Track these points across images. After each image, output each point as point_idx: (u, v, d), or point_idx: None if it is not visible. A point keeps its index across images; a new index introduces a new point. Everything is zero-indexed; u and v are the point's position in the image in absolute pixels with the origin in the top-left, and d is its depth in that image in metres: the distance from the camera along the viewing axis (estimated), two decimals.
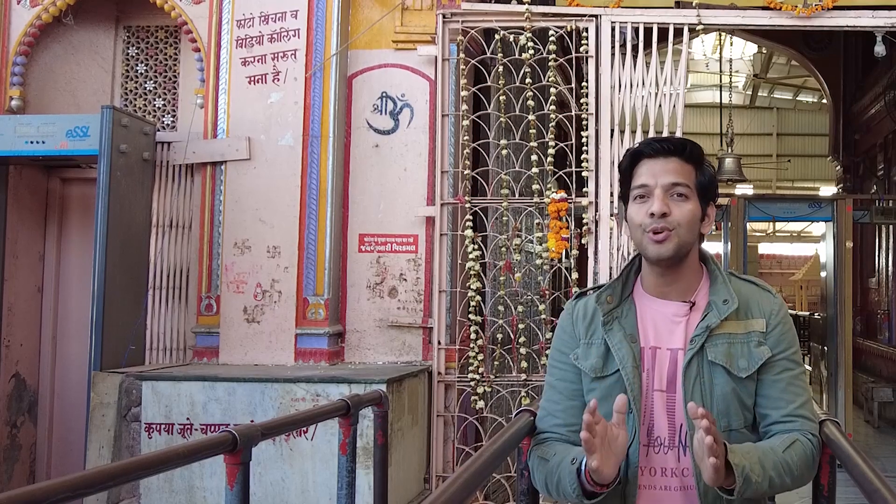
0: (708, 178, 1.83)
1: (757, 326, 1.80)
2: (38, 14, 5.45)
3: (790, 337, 1.84)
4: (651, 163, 1.79)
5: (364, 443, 3.98)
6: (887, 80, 9.82)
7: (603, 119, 5.22)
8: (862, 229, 10.71)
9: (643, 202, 1.78)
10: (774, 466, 1.69)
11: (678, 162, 1.79)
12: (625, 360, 1.78)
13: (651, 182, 1.77)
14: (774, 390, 1.79)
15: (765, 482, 1.67)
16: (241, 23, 5.30)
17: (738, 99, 20.00)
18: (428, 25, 5.32)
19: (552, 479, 1.79)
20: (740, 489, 1.63)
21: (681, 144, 1.82)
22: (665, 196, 1.76)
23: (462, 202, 5.19)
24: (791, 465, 1.72)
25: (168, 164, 5.42)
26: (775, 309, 1.83)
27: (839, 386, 8.09)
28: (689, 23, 5.26)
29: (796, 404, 1.79)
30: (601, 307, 1.83)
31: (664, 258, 1.78)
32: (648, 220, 1.76)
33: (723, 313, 1.78)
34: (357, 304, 5.29)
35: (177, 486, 4.45)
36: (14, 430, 5.47)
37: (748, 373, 1.77)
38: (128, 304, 5.08)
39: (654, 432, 1.77)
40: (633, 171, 1.82)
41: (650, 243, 1.77)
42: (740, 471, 1.62)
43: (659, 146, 1.80)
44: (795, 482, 1.76)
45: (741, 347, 1.78)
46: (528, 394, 5.03)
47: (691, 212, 1.78)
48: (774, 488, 1.71)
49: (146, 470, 2.21)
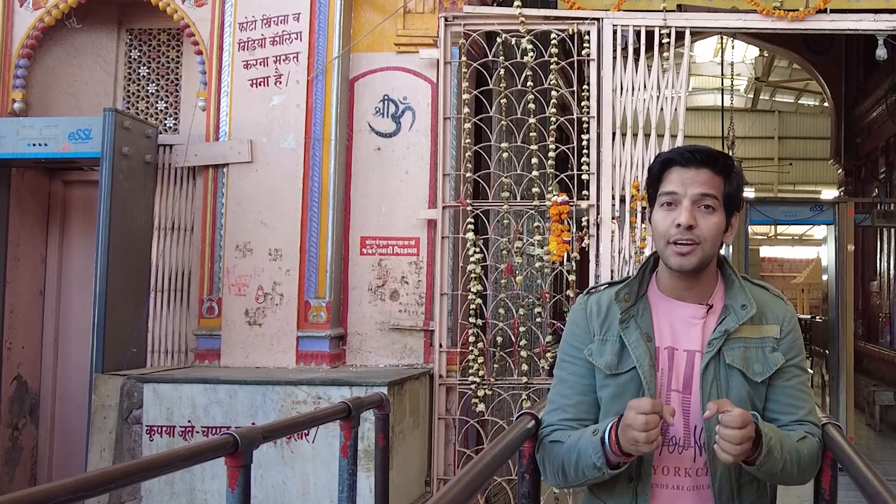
0: (735, 187, 1.83)
1: (771, 332, 1.83)
2: (41, 17, 5.46)
3: (800, 344, 1.88)
4: (682, 171, 1.80)
5: (365, 445, 3.97)
6: (889, 84, 9.82)
7: (604, 122, 5.23)
8: (863, 232, 10.71)
9: (670, 209, 1.79)
10: (789, 451, 1.74)
11: (708, 174, 1.79)
12: (641, 358, 1.79)
13: (680, 190, 1.78)
14: (784, 396, 1.82)
15: (780, 462, 1.71)
16: (244, 25, 5.31)
17: (739, 102, 20.02)
18: (430, 29, 5.33)
19: (570, 457, 1.79)
20: (763, 460, 1.67)
21: (713, 156, 1.82)
22: (693, 207, 1.77)
23: (463, 205, 5.19)
24: (801, 456, 1.77)
25: (170, 166, 5.42)
26: (788, 316, 1.87)
27: (840, 389, 8.08)
28: (691, 26, 5.27)
29: (805, 410, 1.83)
30: (619, 305, 1.85)
31: (686, 270, 1.80)
32: (675, 230, 1.77)
33: (741, 318, 1.81)
34: (358, 307, 5.29)
35: (178, 489, 4.45)
36: (15, 433, 5.48)
37: (763, 377, 1.80)
38: (129, 306, 5.08)
39: (671, 432, 1.79)
40: (663, 176, 1.83)
41: (673, 255, 1.78)
42: (767, 440, 1.66)
43: (691, 156, 1.81)
44: (799, 475, 1.79)
45: (756, 352, 1.81)
46: (529, 397, 5.02)
47: (717, 225, 1.79)
48: (784, 473, 1.74)
49: (147, 472, 2.22)
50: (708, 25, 5.47)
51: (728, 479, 1.77)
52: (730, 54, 14.72)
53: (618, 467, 1.72)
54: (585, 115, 5.23)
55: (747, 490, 1.81)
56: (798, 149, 22.05)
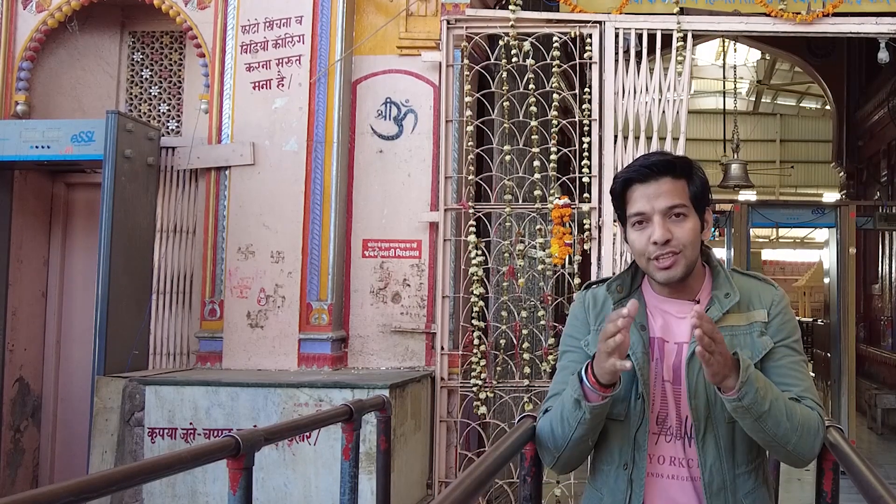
0: (700, 185, 1.84)
1: (758, 317, 1.84)
2: (44, 19, 5.47)
3: (790, 326, 1.86)
4: (643, 188, 1.80)
5: (367, 448, 3.98)
6: (891, 87, 9.82)
7: (606, 125, 5.23)
8: (865, 235, 10.69)
9: (643, 228, 1.80)
10: (777, 397, 1.72)
11: (670, 182, 1.79)
12: (635, 345, 1.80)
13: (647, 208, 1.79)
14: (776, 375, 1.81)
15: (766, 402, 1.68)
16: (246, 28, 5.32)
17: (741, 105, 20.03)
18: (432, 31, 5.34)
19: (556, 413, 1.81)
20: (742, 387, 1.65)
21: (669, 164, 1.81)
22: (664, 221, 1.77)
23: (465, 208, 5.19)
24: (794, 412, 1.74)
25: (172, 169, 5.43)
26: (776, 299, 1.86)
27: (842, 392, 8.07)
28: (693, 29, 5.27)
29: (800, 388, 1.81)
30: (612, 295, 1.88)
31: (674, 280, 1.81)
32: (652, 247, 1.78)
33: (724, 306, 1.82)
34: (360, 310, 5.29)
35: (179, 491, 4.45)
36: (17, 435, 5.48)
37: (752, 363, 1.79)
38: (132, 308, 5.08)
39: (667, 421, 1.81)
40: (626, 196, 1.83)
41: (657, 271, 1.80)
42: (745, 366, 1.66)
43: (648, 170, 1.80)
44: (795, 436, 1.73)
45: (744, 339, 1.82)
46: (530, 399, 5.03)
47: (692, 229, 1.80)
48: (774, 422, 1.70)
49: (149, 475, 2.21)
50: (710, 29, 5.47)
51: (720, 469, 1.77)
52: (732, 57, 14.72)
53: (595, 404, 1.73)
54: (587, 118, 5.23)
55: (742, 482, 1.79)
56: (800, 152, 22.05)
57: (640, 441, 1.79)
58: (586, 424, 1.74)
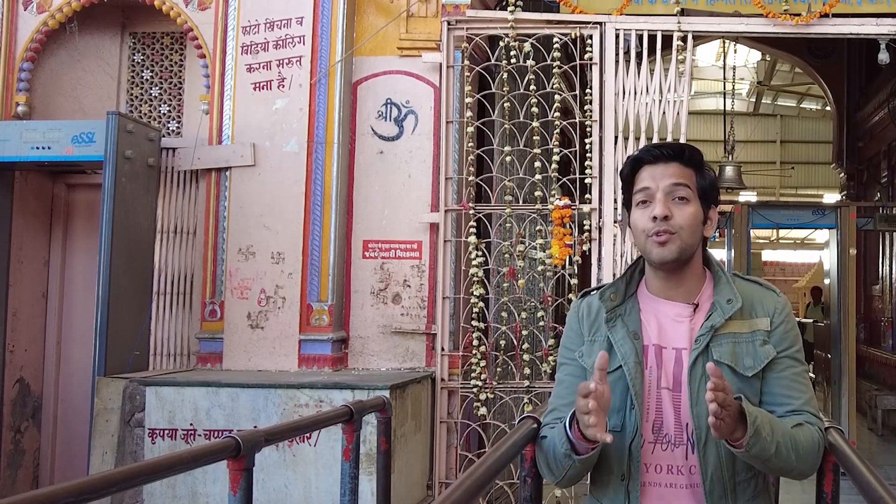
0: (709, 181, 1.86)
1: (761, 325, 1.82)
2: (45, 20, 5.48)
3: (793, 335, 1.86)
4: (652, 168, 1.84)
5: (367, 449, 3.98)
6: (891, 88, 9.82)
7: (607, 126, 5.23)
8: (865, 236, 10.68)
9: (646, 207, 1.82)
10: (783, 434, 1.72)
11: (678, 166, 1.83)
12: (627, 356, 1.80)
13: (652, 185, 1.81)
14: (778, 387, 1.80)
15: (772, 445, 1.69)
16: (247, 29, 5.32)
17: (741, 106, 20.02)
18: (433, 32, 5.34)
19: (549, 450, 1.82)
20: (750, 440, 1.65)
21: (680, 149, 1.86)
22: (667, 199, 1.80)
23: (466, 209, 5.20)
24: (798, 442, 1.74)
25: (173, 170, 5.43)
26: (779, 307, 1.85)
27: (842, 394, 8.06)
28: (693, 30, 5.27)
29: (801, 401, 1.81)
30: (604, 304, 1.87)
31: (667, 261, 1.81)
32: (651, 224, 1.79)
33: (727, 313, 1.80)
34: (361, 311, 5.29)
35: (180, 492, 4.45)
36: (18, 436, 5.48)
37: (754, 371, 1.79)
38: (132, 309, 5.08)
39: (663, 429, 1.80)
40: (635, 177, 1.87)
41: (653, 246, 1.80)
42: (752, 419, 1.65)
43: (659, 152, 1.85)
44: (798, 463, 1.76)
45: (746, 346, 1.80)
46: (531, 400, 5.02)
47: (693, 215, 1.81)
48: (780, 460, 1.71)
49: (149, 475, 2.22)
50: (710, 30, 5.47)
51: (720, 477, 1.76)
52: (732, 58, 14.71)
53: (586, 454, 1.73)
54: (588, 119, 5.23)
55: (742, 489, 1.78)
56: (800, 153, 22.03)
57: (633, 453, 1.78)
58: (579, 467, 1.77)
